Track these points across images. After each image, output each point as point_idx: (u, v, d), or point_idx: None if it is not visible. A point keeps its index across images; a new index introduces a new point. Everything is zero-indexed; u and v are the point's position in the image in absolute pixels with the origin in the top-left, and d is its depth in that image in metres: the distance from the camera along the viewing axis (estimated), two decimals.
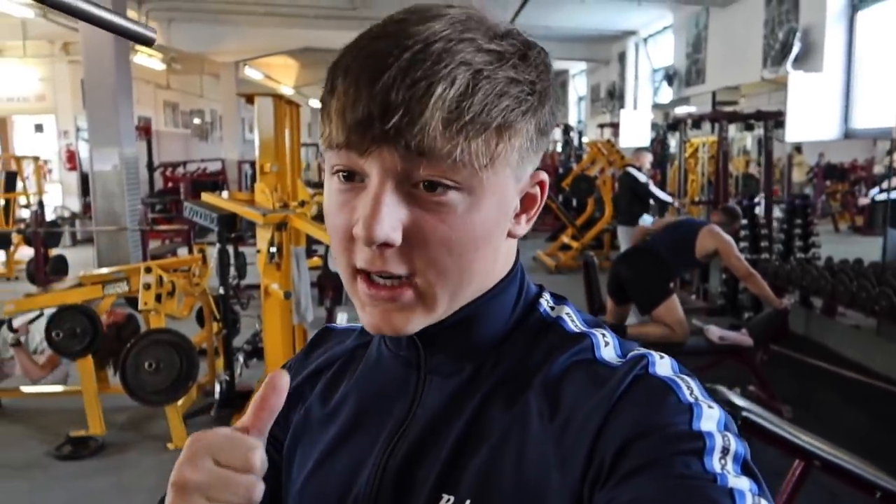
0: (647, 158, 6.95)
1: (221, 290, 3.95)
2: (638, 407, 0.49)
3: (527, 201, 0.57)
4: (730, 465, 0.47)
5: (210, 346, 4.36)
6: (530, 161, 0.54)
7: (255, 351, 4.69)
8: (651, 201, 6.87)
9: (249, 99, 3.77)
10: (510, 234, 0.57)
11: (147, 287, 3.68)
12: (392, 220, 0.49)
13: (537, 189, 0.57)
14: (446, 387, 0.57)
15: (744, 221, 5.55)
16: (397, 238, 0.50)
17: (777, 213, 6.62)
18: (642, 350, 0.55)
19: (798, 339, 5.44)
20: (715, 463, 0.46)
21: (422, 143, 0.47)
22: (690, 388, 0.51)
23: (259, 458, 0.47)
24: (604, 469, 0.48)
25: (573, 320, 0.59)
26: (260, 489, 0.47)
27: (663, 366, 0.53)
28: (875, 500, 2.19)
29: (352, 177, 0.51)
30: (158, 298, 3.72)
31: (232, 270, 4.63)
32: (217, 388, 4.02)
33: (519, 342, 0.58)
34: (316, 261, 5.48)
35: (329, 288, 6.15)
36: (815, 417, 3.85)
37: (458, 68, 0.47)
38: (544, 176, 0.57)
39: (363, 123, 0.48)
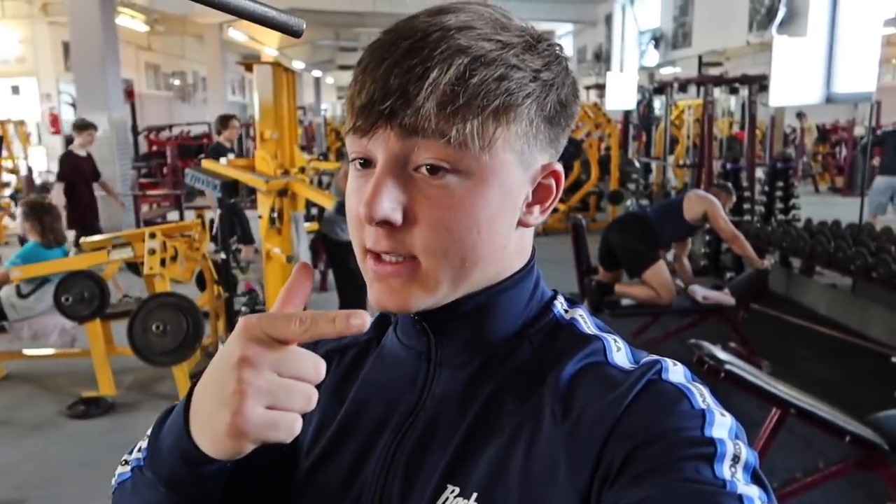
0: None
1: (223, 256, 4.05)
2: (650, 411, 0.50)
3: (540, 192, 0.57)
4: (739, 473, 0.47)
5: (212, 309, 4.48)
6: (540, 150, 0.55)
7: (254, 312, 4.79)
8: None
9: (248, 67, 3.81)
10: (522, 224, 0.57)
11: (152, 252, 3.78)
12: (391, 200, 0.51)
13: (552, 181, 0.57)
14: (456, 378, 0.58)
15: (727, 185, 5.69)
16: (397, 217, 0.52)
17: (760, 175, 6.78)
18: (655, 357, 0.55)
19: (777, 297, 5.66)
20: (725, 470, 0.46)
21: (415, 124, 0.50)
22: (703, 395, 0.51)
23: (323, 368, 0.49)
24: (613, 471, 0.48)
25: (586, 322, 0.60)
26: (316, 396, 0.49)
27: (676, 372, 0.53)
28: (844, 444, 2.39)
29: (366, 164, 0.54)
30: (163, 263, 3.83)
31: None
32: (220, 348, 4.14)
33: (532, 339, 0.58)
34: (314, 226, 5.59)
35: (322, 251, 6.27)
36: (793, 371, 4.06)
37: (454, 55, 0.49)
38: (558, 167, 0.57)
39: (366, 107, 0.51)
